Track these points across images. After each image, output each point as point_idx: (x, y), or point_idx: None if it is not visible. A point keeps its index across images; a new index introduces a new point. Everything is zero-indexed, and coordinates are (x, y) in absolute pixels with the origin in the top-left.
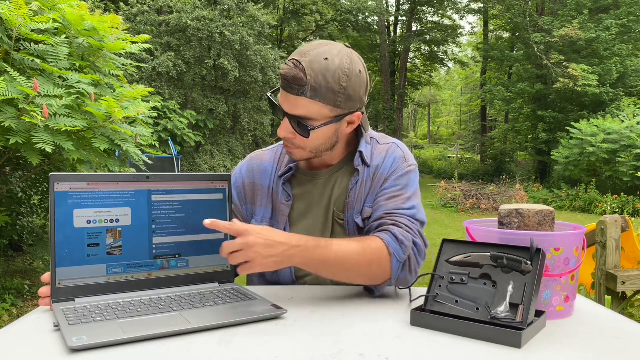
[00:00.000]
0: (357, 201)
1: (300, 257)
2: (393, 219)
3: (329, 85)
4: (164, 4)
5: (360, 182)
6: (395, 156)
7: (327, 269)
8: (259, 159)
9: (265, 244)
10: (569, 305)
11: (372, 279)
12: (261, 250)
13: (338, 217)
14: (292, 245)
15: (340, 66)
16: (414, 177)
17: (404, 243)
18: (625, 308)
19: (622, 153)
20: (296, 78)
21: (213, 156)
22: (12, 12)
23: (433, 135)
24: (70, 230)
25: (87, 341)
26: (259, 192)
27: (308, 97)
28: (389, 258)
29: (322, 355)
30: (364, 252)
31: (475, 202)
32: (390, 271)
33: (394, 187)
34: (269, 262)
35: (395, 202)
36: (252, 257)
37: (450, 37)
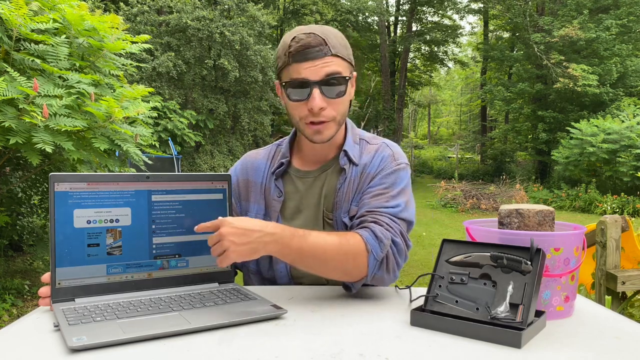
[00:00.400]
0: (344, 200)
1: (276, 245)
2: (374, 216)
3: (340, 41)
4: (164, 4)
5: (348, 181)
6: (383, 155)
7: (303, 260)
8: (252, 157)
9: (238, 232)
10: (569, 305)
11: (347, 274)
12: (234, 239)
13: (327, 217)
14: (266, 232)
15: (335, 29)
16: (402, 176)
17: (383, 241)
18: (625, 308)
19: (622, 153)
20: (317, 41)
21: (213, 156)
22: (12, 12)
23: (433, 135)
24: (70, 230)
25: (87, 341)
26: (253, 188)
27: (332, 54)
28: (366, 254)
29: (322, 355)
30: (341, 246)
31: (475, 202)
32: (366, 268)
33: (379, 185)
34: (243, 250)
35: (378, 200)
36: (227, 246)
37: (450, 37)
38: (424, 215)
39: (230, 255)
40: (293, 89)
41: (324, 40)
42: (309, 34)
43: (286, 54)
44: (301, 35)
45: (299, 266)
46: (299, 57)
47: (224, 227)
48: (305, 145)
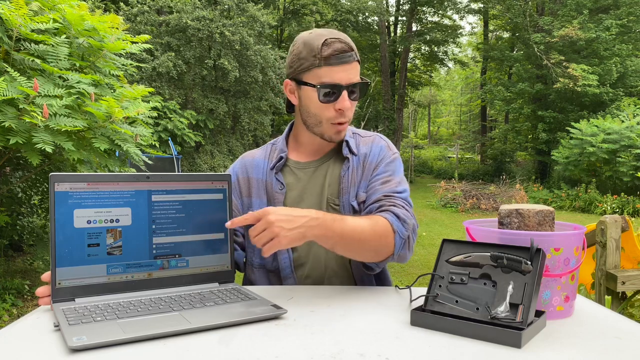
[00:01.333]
0: (350, 186)
1: (320, 228)
2: (391, 200)
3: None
4: (164, 4)
5: (351, 169)
6: (380, 145)
7: (343, 242)
8: (250, 156)
9: (286, 218)
10: (568, 305)
11: (378, 253)
12: (284, 225)
13: (333, 203)
14: (312, 217)
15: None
16: (399, 164)
17: (406, 221)
18: (625, 308)
19: (622, 153)
20: (350, 47)
21: (213, 156)
22: (12, 12)
23: (433, 135)
24: (70, 230)
25: (87, 341)
26: (254, 185)
27: (356, 59)
28: (393, 234)
29: (322, 355)
30: (374, 228)
31: (475, 202)
32: (393, 247)
33: (385, 173)
34: (293, 234)
35: (389, 186)
36: (277, 232)
37: (450, 37)
38: (424, 215)
39: (281, 240)
40: (326, 90)
41: (352, 47)
42: (338, 39)
43: (316, 57)
44: (332, 40)
45: (338, 249)
46: (334, 60)
47: (271, 215)
48: (306, 139)
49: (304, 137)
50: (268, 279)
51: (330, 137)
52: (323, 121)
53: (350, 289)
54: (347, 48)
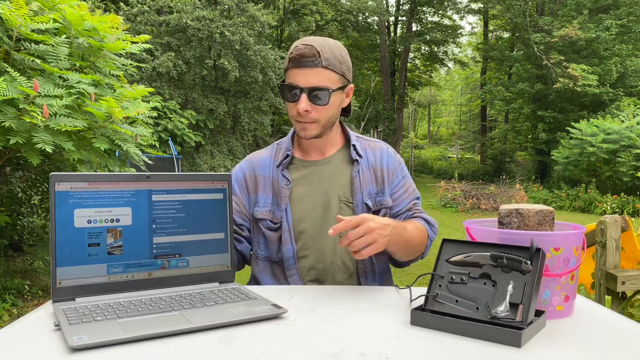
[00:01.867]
0: (363, 186)
1: (395, 236)
2: (417, 207)
3: (335, 56)
4: (164, 4)
5: (362, 170)
6: (388, 152)
7: (405, 247)
8: (257, 156)
9: (382, 226)
10: (568, 305)
11: (417, 254)
12: (381, 232)
13: (347, 201)
14: (393, 226)
15: (336, 44)
16: (406, 169)
17: (434, 225)
18: (625, 308)
19: (622, 153)
20: (312, 52)
21: (213, 156)
22: (12, 12)
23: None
24: (70, 230)
25: (88, 340)
26: (260, 181)
27: (323, 66)
28: (427, 238)
29: (322, 355)
30: (420, 233)
31: (475, 202)
32: (425, 247)
33: (404, 180)
34: (385, 241)
35: (411, 195)
36: (375, 238)
37: (450, 37)
38: None
39: (379, 246)
40: (287, 91)
41: (317, 53)
42: (307, 44)
43: (287, 59)
44: (300, 45)
45: (399, 253)
46: (295, 63)
47: (371, 222)
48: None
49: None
50: (272, 270)
51: (298, 133)
52: (290, 118)
53: (350, 289)
54: (309, 54)
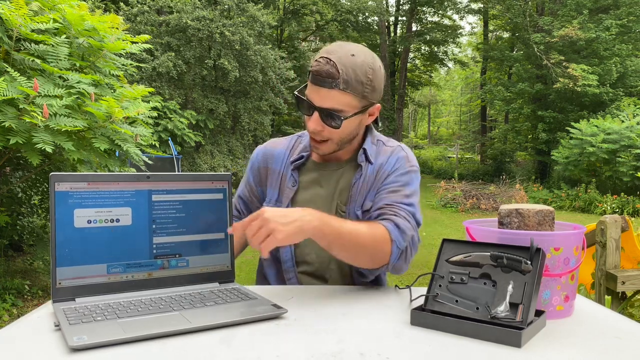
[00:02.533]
0: (359, 195)
1: (318, 222)
2: (393, 209)
3: (358, 77)
4: (164, 4)
5: (363, 178)
6: (399, 156)
7: (340, 241)
8: (273, 146)
9: (281, 214)
10: (568, 305)
11: (373, 260)
12: (279, 220)
13: (341, 210)
14: (308, 212)
15: (365, 61)
16: (414, 177)
17: (405, 232)
18: (625, 308)
19: (622, 153)
20: (329, 72)
21: (213, 156)
22: (12, 12)
23: (433, 135)
24: (70, 230)
25: (88, 341)
26: (270, 175)
27: (340, 89)
28: (390, 244)
29: (322, 355)
30: (372, 233)
31: (475, 202)
32: (389, 256)
33: (395, 183)
34: (290, 229)
35: (395, 196)
36: (273, 228)
37: (450, 37)
38: (424, 215)
39: (277, 236)
40: (302, 104)
41: (337, 73)
42: (329, 60)
43: (309, 70)
44: (322, 59)
45: (334, 248)
46: (314, 78)
47: (266, 213)
48: None
49: None
50: (276, 265)
51: (312, 149)
52: (307, 131)
53: (351, 289)
54: (327, 73)
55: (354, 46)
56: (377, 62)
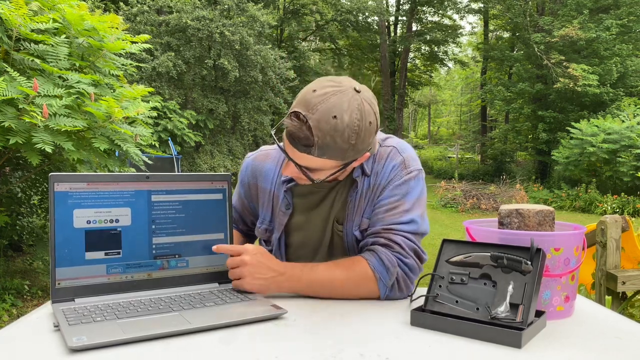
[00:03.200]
0: (356, 213)
1: (288, 282)
2: (387, 236)
3: (337, 144)
4: (164, 4)
5: (360, 194)
6: (394, 163)
7: (317, 291)
8: (263, 159)
9: (258, 265)
10: (569, 305)
11: (362, 297)
12: (252, 270)
13: (338, 231)
14: (279, 272)
15: (349, 124)
16: (414, 185)
17: (389, 269)
18: (625, 308)
19: (623, 153)
20: (302, 138)
21: (213, 156)
22: (12, 12)
23: (433, 135)
24: (70, 230)
25: (87, 341)
26: (261, 193)
27: (315, 155)
28: (375, 281)
29: (322, 355)
30: (349, 277)
31: (475, 202)
32: (378, 292)
33: (391, 198)
34: (256, 284)
35: (393, 216)
36: (244, 275)
37: (450, 37)
38: None
39: (244, 284)
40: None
41: (311, 139)
42: (303, 122)
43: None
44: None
45: (313, 296)
46: (288, 137)
47: (247, 256)
48: None
49: None
50: None
51: None
52: None
53: None
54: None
55: (341, 99)
56: (366, 120)
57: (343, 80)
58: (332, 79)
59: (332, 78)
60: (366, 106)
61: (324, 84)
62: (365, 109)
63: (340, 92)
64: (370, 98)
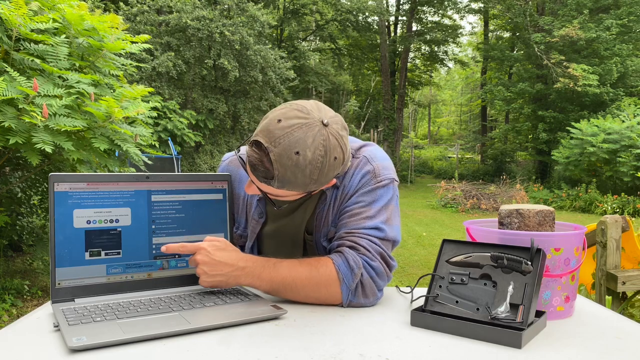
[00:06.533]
0: (324, 224)
1: (247, 277)
2: (352, 239)
3: (298, 180)
4: (164, 4)
5: (328, 205)
6: (362, 172)
7: (275, 289)
8: (236, 166)
9: (210, 262)
10: (569, 306)
11: (322, 301)
12: (206, 269)
13: (308, 240)
14: (237, 267)
15: (312, 161)
16: (383, 193)
17: (354, 270)
18: (625, 308)
19: (623, 153)
20: (262, 169)
21: (213, 156)
22: (12, 12)
23: (433, 135)
24: (70, 230)
25: (87, 341)
26: (236, 198)
27: (275, 187)
28: (339, 283)
29: (322, 355)
30: (311, 277)
31: (475, 202)
32: (340, 296)
33: (356, 204)
34: (213, 281)
35: (356, 221)
36: (200, 274)
37: (450, 37)
38: (424, 215)
39: (202, 282)
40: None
41: (271, 171)
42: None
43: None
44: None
45: (273, 295)
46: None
47: (199, 255)
48: None
49: None
50: None
51: None
52: None
53: None
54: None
55: (306, 133)
56: (330, 156)
57: (312, 111)
58: (301, 107)
59: (302, 106)
60: (332, 141)
61: (290, 114)
62: (331, 144)
63: (306, 126)
64: (339, 130)
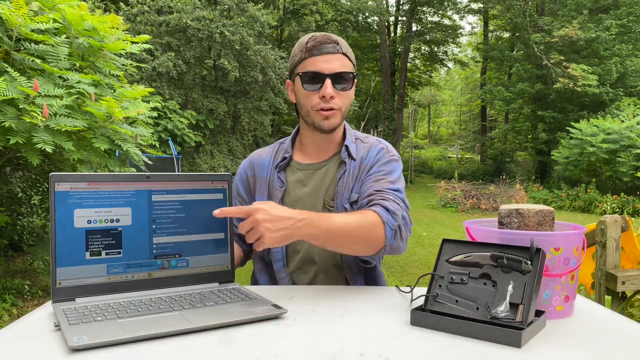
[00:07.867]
0: (345, 189)
1: (308, 227)
2: (382, 195)
3: (345, 45)
4: (164, 4)
5: (347, 173)
6: (378, 148)
7: (332, 239)
8: (258, 155)
9: (272, 219)
10: (568, 305)
11: (370, 246)
12: (269, 225)
13: (329, 205)
14: (298, 219)
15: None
16: (396, 166)
17: (395, 212)
18: (625, 308)
19: (622, 153)
20: (332, 38)
21: (213, 156)
22: (12, 12)
23: (433, 135)
24: (70, 230)
25: (88, 341)
26: (259, 182)
27: (342, 52)
28: (383, 226)
29: (322, 355)
30: (362, 221)
31: (475, 202)
32: (384, 238)
33: (379, 172)
34: (278, 236)
35: (381, 183)
36: (262, 233)
37: (450, 37)
38: (424, 215)
39: (265, 241)
40: (308, 78)
41: (336, 41)
42: (323, 34)
43: (303, 50)
44: (317, 35)
45: (329, 245)
46: (316, 51)
47: (259, 214)
48: (308, 140)
49: (306, 137)
50: (267, 270)
51: (320, 125)
52: (310, 109)
53: (350, 289)
54: (329, 40)
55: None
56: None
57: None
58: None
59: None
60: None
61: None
62: None
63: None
64: None
